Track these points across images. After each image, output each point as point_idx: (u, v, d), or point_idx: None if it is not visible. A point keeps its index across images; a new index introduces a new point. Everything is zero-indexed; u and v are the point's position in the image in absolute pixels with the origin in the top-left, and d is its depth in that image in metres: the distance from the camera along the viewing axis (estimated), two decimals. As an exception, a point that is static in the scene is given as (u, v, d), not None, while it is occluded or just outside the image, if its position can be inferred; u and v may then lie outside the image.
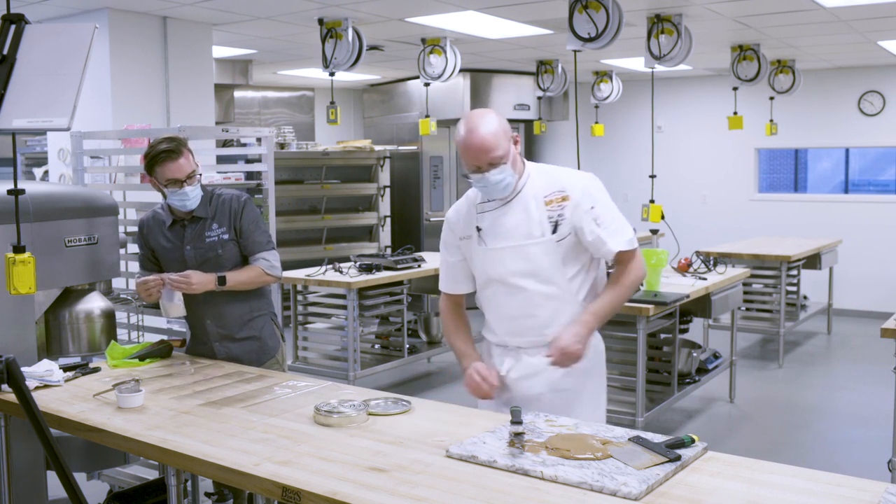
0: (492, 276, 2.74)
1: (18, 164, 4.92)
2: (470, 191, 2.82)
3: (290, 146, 8.66)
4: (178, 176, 3.19)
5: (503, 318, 2.77)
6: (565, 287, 2.71)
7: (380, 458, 2.20)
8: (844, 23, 6.57)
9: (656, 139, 7.80)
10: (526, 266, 2.68)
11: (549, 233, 2.66)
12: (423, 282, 6.61)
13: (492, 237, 2.71)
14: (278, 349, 3.50)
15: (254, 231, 3.35)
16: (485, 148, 2.58)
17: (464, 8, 5.87)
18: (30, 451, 3.02)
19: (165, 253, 3.35)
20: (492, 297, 2.78)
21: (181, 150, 3.20)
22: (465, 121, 2.63)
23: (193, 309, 3.35)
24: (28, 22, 2.47)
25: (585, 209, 2.68)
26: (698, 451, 2.17)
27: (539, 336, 2.71)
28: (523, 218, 2.69)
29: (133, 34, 5.82)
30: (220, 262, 3.30)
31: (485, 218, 2.74)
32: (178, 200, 3.25)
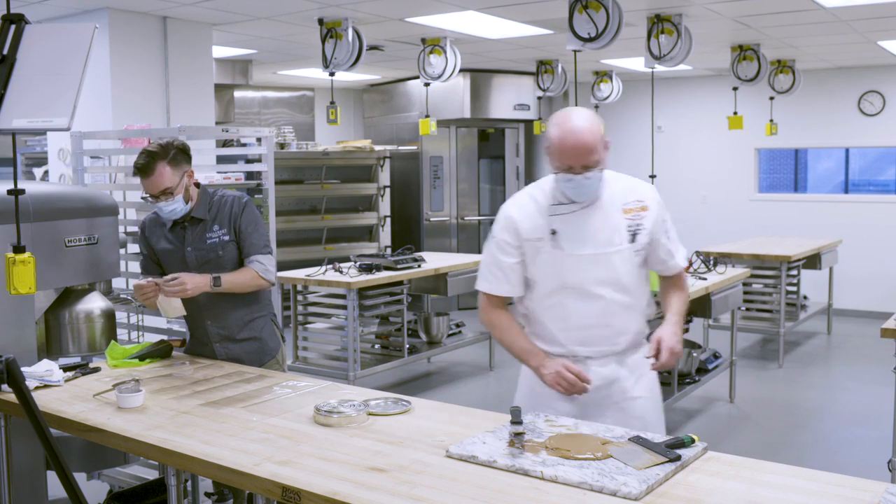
0: (567, 283, 2.61)
1: (18, 164, 4.92)
2: (531, 189, 2.72)
3: (290, 146, 8.66)
4: (151, 191, 3.19)
5: (575, 328, 2.63)
6: (638, 296, 2.67)
7: (380, 458, 2.20)
8: (844, 23, 6.57)
9: (656, 139, 7.81)
10: (606, 274, 2.59)
11: (626, 241, 2.60)
12: (423, 282, 6.61)
13: (570, 242, 2.59)
14: (278, 350, 3.50)
15: (251, 233, 3.33)
16: (585, 149, 2.49)
17: (464, 8, 5.87)
18: (30, 451, 3.02)
19: (167, 255, 3.35)
20: (561, 305, 2.64)
21: (153, 168, 3.15)
22: (564, 117, 2.53)
23: (193, 310, 3.35)
24: (28, 22, 2.47)
25: (660, 221, 2.66)
26: (698, 451, 2.17)
27: (611, 345, 2.64)
28: (604, 224, 2.60)
29: (133, 34, 5.82)
30: (220, 264, 3.29)
31: (560, 221, 2.62)
32: (159, 210, 3.27)
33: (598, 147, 2.52)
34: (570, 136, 2.50)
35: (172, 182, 3.18)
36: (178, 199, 3.21)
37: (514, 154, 10.37)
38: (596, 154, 2.51)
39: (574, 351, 2.65)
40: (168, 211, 3.23)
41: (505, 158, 10.31)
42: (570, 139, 2.50)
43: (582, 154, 2.49)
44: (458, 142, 9.92)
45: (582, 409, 2.62)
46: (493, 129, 10.18)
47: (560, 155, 2.52)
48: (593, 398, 2.60)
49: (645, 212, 2.64)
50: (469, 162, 10.04)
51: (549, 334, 2.69)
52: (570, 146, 2.50)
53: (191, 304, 3.32)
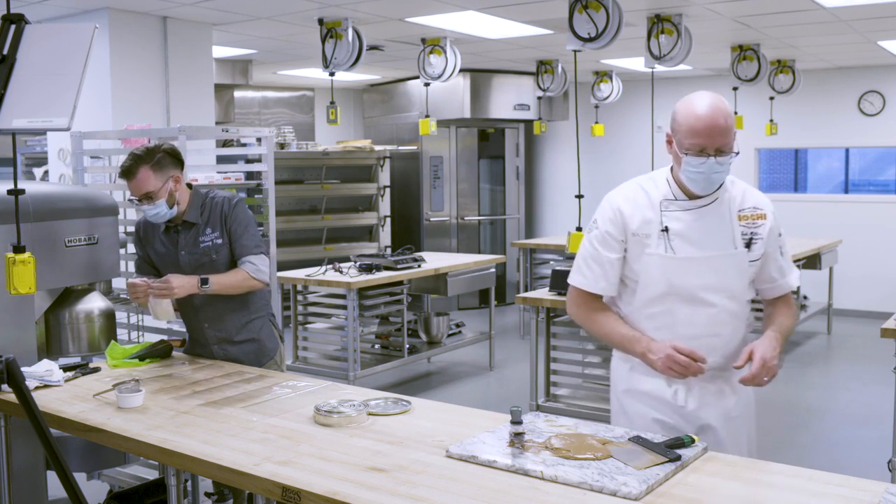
0: (676, 288, 2.40)
1: (18, 164, 4.92)
2: (642, 180, 2.51)
3: (290, 146, 8.67)
4: (134, 193, 3.19)
5: (682, 338, 2.37)
6: (746, 307, 2.48)
7: (380, 458, 2.20)
8: (844, 23, 6.57)
9: (656, 139, 7.79)
10: (718, 280, 2.39)
11: (742, 248, 2.42)
12: (423, 282, 6.61)
13: (683, 242, 2.39)
14: (277, 350, 3.49)
15: (241, 234, 3.29)
16: (722, 128, 2.29)
17: (464, 8, 5.87)
18: (30, 451, 3.02)
19: (161, 258, 3.35)
20: (667, 312, 2.42)
21: (135, 171, 3.15)
22: (696, 96, 2.33)
23: (190, 314, 3.35)
24: (28, 22, 2.47)
25: (775, 234, 2.49)
26: (698, 451, 2.17)
27: (719, 358, 2.42)
28: (719, 227, 2.41)
29: (133, 34, 5.81)
30: (215, 267, 3.27)
31: (673, 218, 2.41)
32: (144, 212, 3.26)
33: (732, 132, 2.32)
34: (706, 113, 2.29)
35: (154, 186, 3.16)
36: (159, 204, 3.19)
37: (514, 154, 10.38)
38: (731, 137, 2.32)
39: None
40: (151, 214, 3.22)
41: (505, 158, 10.31)
42: (705, 116, 2.29)
43: (718, 133, 2.29)
44: (458, 142, 9.92)
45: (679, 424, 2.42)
46: (493, 129, 10.18)
47: (691, 134, 2.30)
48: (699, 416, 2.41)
49: (762, 220, 2.45)
50: (469, 162, 10.04)
51: None
52: (704, 124, 2.29)
53: (188, 307, 3.32)
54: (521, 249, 8.16)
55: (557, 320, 5.04)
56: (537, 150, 11.01)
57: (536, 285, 7.93)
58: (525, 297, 5.03)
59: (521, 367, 6.69)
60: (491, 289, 7.12)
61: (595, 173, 10.87)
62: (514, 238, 10.13)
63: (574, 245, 4.84)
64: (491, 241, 10.31)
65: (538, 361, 5.03)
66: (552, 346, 5.10)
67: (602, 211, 2.51)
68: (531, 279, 8.06)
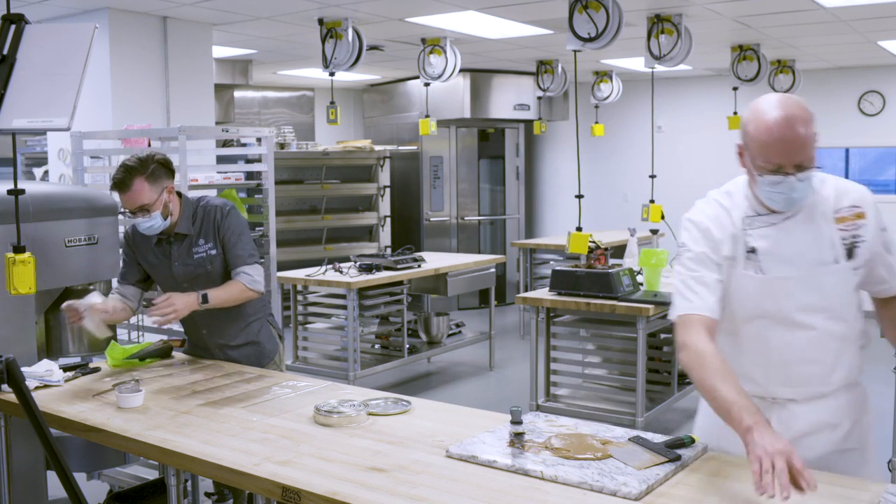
0: (768, 311, 2.14)
1: (18, 164, 4.92)
2: (718, 196, 2.25)
3: (290, 146, 8.67)
4: (127, 206, 3.11)
5: (775, 364, 2.15)
6: (853, 324, 2.21)
7: (380, 458, 2.20)
8: (844, 23, 6.57)
9: (656, 139, 7.80)
10: (817, 299, 2.11)
11: (843, 258, 2.12)
12: (423, 282, 6.61)
13: (772, 262, 2.12)
14: (276, 352, 3.49)
15: (235, 244, 3.23)
16: (799, 142, 2.01)
17: (464, 8, 5.87)
18: (30, 451, 3.02)
19: (154, 269, 3.30)
20: (760, 335, 2.16)
21: (129, 184, 3.05)
22: (769, 103, 2.07)
23: (189, 321, 3.30)
24: (28, 22, 2.47)
25: (879, 230, 2.16)
26: (698, 451, 2.17)
27: (821, 385, 2.16)
28: (812, 238, 2.12)
29: (133, 34, 5.82)
30: (210, 278, 3.24)
31: (759, 236, 2.14)
32: (137, 225, 3.19)
33: (813, 141, 2.03)
34: (780, 125, 2.01)
35: (150, 198, 3.08)
36: (155, 216, 3.11)
37: (514, 154, 10.38)
38: (811, 149, 2.03)
39: (774, 392, 2.17)
40: (145, 227, 3.14)
41: (505, 158, 10.31)
42: (778, 130, 2.01)
43: (795, 149, 2.01)
44: (458, 142, 9.92)
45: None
46: (493, 129, 10.18)
47: (765, 151, 2.04)
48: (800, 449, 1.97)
49: (862, 220, 2.13)
50: (469, 162, 10.04)
51: (743, 370, 2.15)
52: (778, 139, 2.01)
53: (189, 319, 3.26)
54: (521, 249, 8.16)
55: (557, 320, 5.04)
56: (537, 150, 11.01)
57: (536, 285, 7.93)
58: (525, 297, 5.03)
59: (521, 367, 6.69)
60: (491, 289, 7.12)
61: (595, 173, 10.88)
62: (514, 238, 10.13)
63: (574, 245, 4.84)
64: (491, 241, 10.31)
65: (538, 361, 5.03)
66: (552, 346, 5.10)
67: (688, 232, 2.24)
68: (531, 279, 8.06)
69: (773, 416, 2.13)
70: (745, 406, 1.93)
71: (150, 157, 3.14)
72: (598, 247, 4.87)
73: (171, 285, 3.25)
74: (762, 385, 2.17)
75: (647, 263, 4.94)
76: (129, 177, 3.06)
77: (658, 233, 7.93)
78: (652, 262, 4.92)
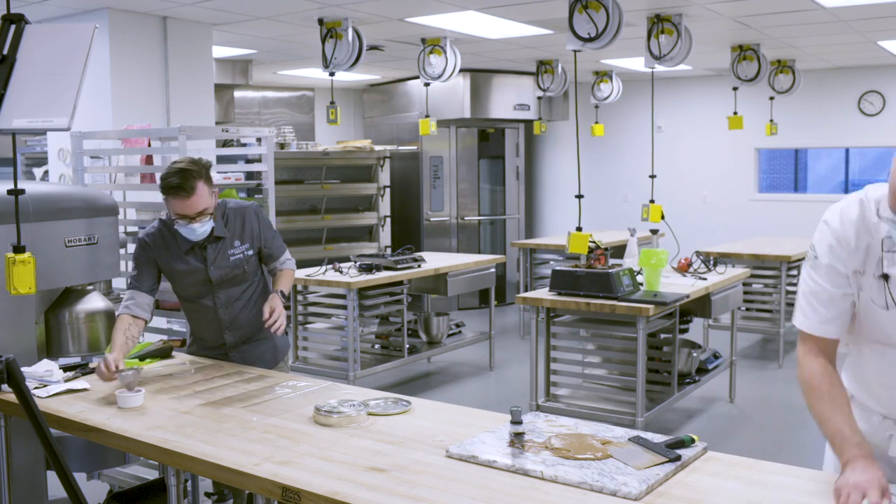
0: (893, 340, 1.99)
1: (18, 164, 4.92)
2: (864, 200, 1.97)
3: (290, 146, 8.66)
4: (187, 213, 3.05)
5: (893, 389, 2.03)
6: None
7: (380, 458, 2.20)
8: (844, 23, 6.57)
9: (656, 139, 7.81)
10: None
11: None
12: (423, 282, 6.61)
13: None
14: (288, 349, 3.51)
15: (273, 237, 3.36)
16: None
17: (464, 8, 5.87)
18: (30, 451, 3.02)
19: (184, 276, 3.24)
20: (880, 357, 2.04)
21: (193, 188, 3.00)
22: None
23: (210, 323, 3.29)
24: (28, 22, 2.47)
25: None
26: (698, 451, 2.17)
27: None
28: None
29: (133, 34, 5.82)
30: (243, 278, 3.27)
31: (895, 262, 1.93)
32: (186, 232, 3.12)
33: None
34: None
35: (209, 202, 3.08)
36: (209, 220, 3.11)
37: (514, 154, 10.38)
38: None
39: (894, 414, 2.05)
40: (200, 232, 3.11)
41: (505, 158, 10.31)
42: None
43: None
44: (458, 142, 9.92)
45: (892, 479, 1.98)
46: (493, 129, 10.18)
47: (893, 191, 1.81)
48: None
49: None
50: (469, 162, 10.04)
51: (867, 386, 2.08)
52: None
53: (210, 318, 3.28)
54: (521, 249, 8.16)
55: (557, 320, 5.04)
56: (537, 150, 11.01)
57: (536, 285, 7.93)
58: (525, 297, 5.03)
59: (521, 367, 6.69)
60: (491, 289, 7.12)
61: (595, 173, 10.88)
62: (514, 238, 10.13)
63: (574, 245, 4.84)
64: (491, 241, 10.31)
65: (538, 361, 5.03)
66: (552, 346, 5.09)
67: (822, 238, 2.02)
68: (531, 279, 8.06)
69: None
70: (849, 438, 1.89)
71: (196, 160, 3.10)
72: (598, 247, 4.87)
73: (202, 290, 3.23)
74: (885, 406, 2.05)
75: (647, 263, 4.94)
76: (191, 181, 3.00)
77: (658, 233, 7.93)
78: (652, 262, 4.92)
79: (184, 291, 3.31)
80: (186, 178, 3.00)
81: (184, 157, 3.17)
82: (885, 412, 2.05)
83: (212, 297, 3.25)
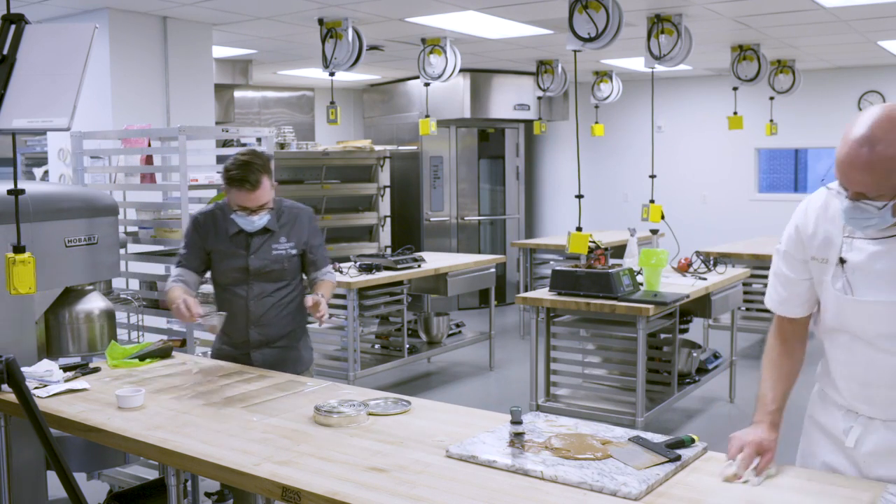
0: (851, 329, 2.01)
1: (18, 164, 4.92)
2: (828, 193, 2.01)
3: (290, 146, 8.66)
4: (249, 205, 3.11)
5: (856, 382, 2.04)
6: None
7: (380, 458, 2.20)
8: (844, 23, 6.57)
9: (656, 139, 7.80)
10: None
11: None
12: (423, 282, 6.61)
13: (861, 282, 1.95)
14: (311, 362, 3.48)
15: (319, 245, 3.35)
16: (861, 170, 1.80)
17: (464, 8, 5.87)
18: (30, 451, 3.02)
19: (223, 257, 3.27)
20: (843, 350, 2.06)
21: (258, 182, 3.05)
22: (866, 121, 1.85)
23: (238, 316, 3.28)
24: (28, 22, 2.47)
25: None
26: (698, 451, 2.17)
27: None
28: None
29: (133, 34, 5.82)
30: (280, 275, 3.27)
31: (854, 248, 1.96)
32: (244, 223, 3.17)
33: (891, 175, 1.79)
34: (848, 147, 1.83)
35: (270, 196, 3.14)
36: (268, 215, 3.18)
37: (514, 154, 10.38)
38: (882, 184, 1.80)
39: (855, 407, 2.06)
40: (259, 224, 3.17)
41: (505, 158, 10.31)
42: (844, 151, 1.83)
43: (855, 176, 1.82)
44: (458, 142, 9.92)
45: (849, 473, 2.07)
46: (493, 129, 10.18)
47: (840, 167, 1.86)
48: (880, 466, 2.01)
49: None
50: (469, 162, 10.04)
51: (831, 376, 2.12)
52: (843, 160, 1.84)
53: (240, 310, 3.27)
54: (521, 249, 8.16)
55: (557, 320, 5.04)
56: (537, 150, 11.01)
57: (536, 285, 7.93)
58: (525, 297, 5.03)
59: (521, 367, 6.69)
60: (491, 289, 7.12)
61: (595, 173, 10.88)
62: (514, 238, 10.13)
63: (574, 245, 4.84)
64: (491, 241, 10.31)
65: (538, 361, 5.03)
66: (552, 346, 5.09)
67: (788, 225, 2.14)
68: (531, 279, 8.06)
69: (856, 427, 2.05)
70: (766, 404, 2.17)
71: (259, 153, 3.14)
72: (598, 247, 4.87)
73: (237, 279, 3.25)
74: (847, 399, 2.08)
75: (647, 263, 4.94)
76: (256, 174, 3.05)
77: (658, 233, 7.92)
78: (652, 262, 4.92)
79: (221, 277, 3.31)
80: (251, 172, 3.05)
81: (248, 150, 3.18)
82: (847, 405, 2.09)
83: (245, 287, 3.25)
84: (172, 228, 4.36)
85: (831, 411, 2.13)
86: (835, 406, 2.12)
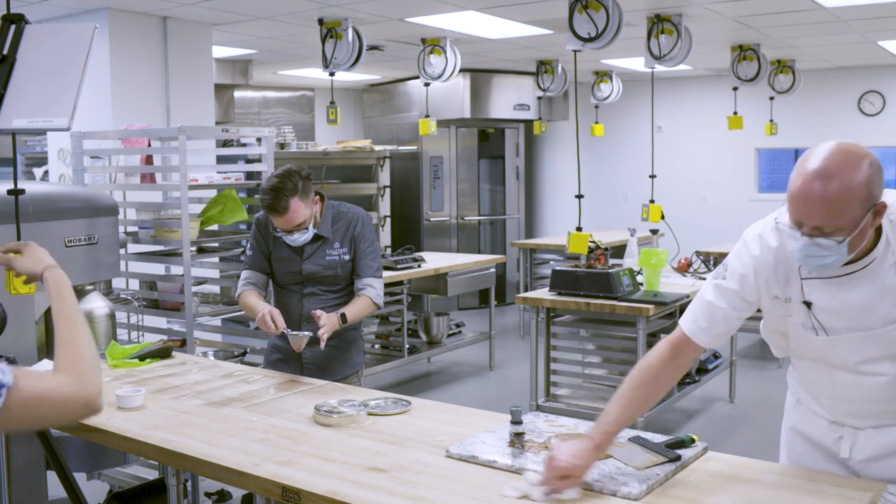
0: (830, 361, 1.98)
1: (18, 164, 4.92)
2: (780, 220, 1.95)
3: (290, 146, 8.65)
4: (284, 227, 3.13)
5: (843, 400, 2.01)
6: None
7: (380, 458, 2.20)
8: (844, 23, 6.57)
9: (656, 139, 7.80)
10: (886, 351, 1.90)
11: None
12: (423, 282, 6.61)
13: (833, 321, 1.92)
14: (361, 366, 3.44)
15: (368, 253, 3.29)
16: (822, 207, 1.75)
17: (464, 8, 5.87)
18: (30, 451, 3.02)
19: (280, 261, 3.29)
20: (823, 375, 2.02)
21: (286, 208, 3.03)
22: (817, 155, 1.78)
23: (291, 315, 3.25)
24: (28, 22, 2.47)
25: None
26: (698, 451, 2.17)
27: (892, 418, 1.98)
28: (877, 295, 1.86)
29: (133, 34, 5.81)
30: (334, 281, 3.26)
31: (816, 289, 1.92)
32: (287, 239, 3.19)
33: (847, 210, 1.74)
34: (812, 184, 1.75)
35: (305, 216, 3.12)
36: (310, 230, 3.17)
37: (514, 154, 10.38)
38: (839, 219, 1.75)
39: (842, 421, 2.04)
40: (301, 241, 3.18)
41: (505, 158, 10.31)
42: (809, 188, 1.76)
43: (812, 209, 1.77)
44: (458, 142, 9.92)
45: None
46: (493, 129, 10.18)
47: (792, 203, 1.81)
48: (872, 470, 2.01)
49: None
50: (469, 162, 10.04)
51: (811, 395, 2.11)
52: (798, 194, 1.78)
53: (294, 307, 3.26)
54: (521, 249, 8.16)
55: (557, 320, 5.04)
56: (537, 150, 11.01)
57: (536, 285, 7.93)
58: (525, 297, 5.03)
59: (521, 367, 6.69)
60: (491, 289, 7.12)
61: (595, 173, 10.88)
62: (514, 238, 10.12)
63: (574, 245, 4.84)
64: (491, 241, 10.31)
65: (538, 361, 5.03)
66: (552, 346, 5.10)
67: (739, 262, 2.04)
68: (531, 279, 8.06)
69: (846, 436, 2.03)
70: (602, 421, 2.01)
71: (294, 173, 3.10)
72: (598, 247, 4.87)
73: (292, 280, 3.26)
74: (831, 413, 2.06)
75: (647, 263, 4.94)
76: (283, 200, 3.03)
77: (658, 233, 7.92)
78: (652, 262, 4.92)
79: (279, 278, 3.33)
80: (279, 198, 3.04)
81: (282, 171, 3.12)
82: (831, 418, 2.07)
83: (300, 287, 3.27)
84: (172, 228, 4.35)
85: (814, 421, 2.11)
86: (817, 416, 2.10)
